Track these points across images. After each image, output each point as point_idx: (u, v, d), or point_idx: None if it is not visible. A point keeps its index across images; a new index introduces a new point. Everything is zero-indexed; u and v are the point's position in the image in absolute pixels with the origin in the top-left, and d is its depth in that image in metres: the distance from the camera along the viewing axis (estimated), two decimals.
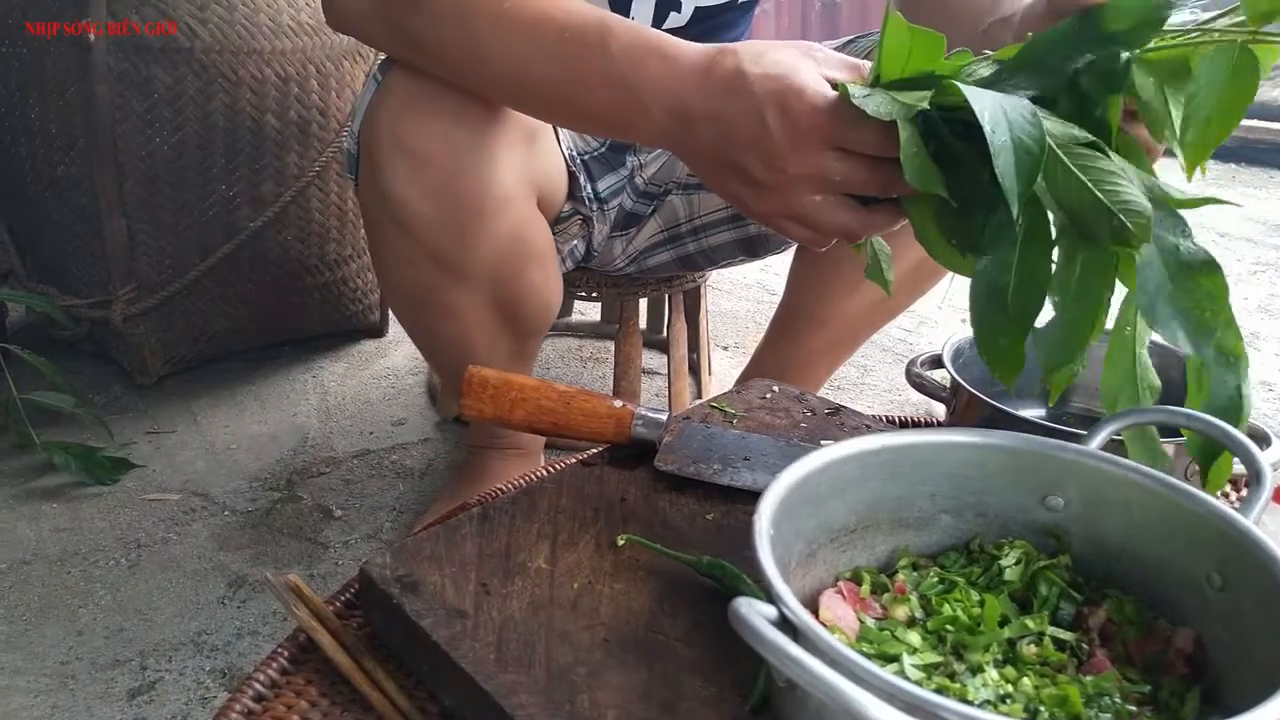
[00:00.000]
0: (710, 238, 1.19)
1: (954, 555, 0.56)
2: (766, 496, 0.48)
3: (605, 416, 0.72)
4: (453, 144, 0.86)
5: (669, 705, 0.50)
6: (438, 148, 0.86)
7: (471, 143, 0.87)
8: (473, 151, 0.87)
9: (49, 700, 0.95)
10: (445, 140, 0.86)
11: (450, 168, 0.87)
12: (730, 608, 0.40)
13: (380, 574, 0.58)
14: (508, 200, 0.91)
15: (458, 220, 0.90)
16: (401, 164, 0.86)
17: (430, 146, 0.86)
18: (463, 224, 0.90)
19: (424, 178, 0.87)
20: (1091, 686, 0.46)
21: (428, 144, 0.86)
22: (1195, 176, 0.57)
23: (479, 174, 0.88)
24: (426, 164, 0.86)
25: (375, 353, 1.73)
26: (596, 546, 0.62)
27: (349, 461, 1.38)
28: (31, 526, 1.21)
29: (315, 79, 1.50)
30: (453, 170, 0.87)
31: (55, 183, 1.46)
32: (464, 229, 0.90)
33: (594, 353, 1.78)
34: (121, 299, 1.45)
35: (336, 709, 0.55)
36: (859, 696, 0.35)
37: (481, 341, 1.01)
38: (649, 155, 1.17)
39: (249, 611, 1.07)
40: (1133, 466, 0.53)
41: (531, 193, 0.97)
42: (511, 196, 0.92)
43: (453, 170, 0.87)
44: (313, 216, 1.57)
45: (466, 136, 0.86)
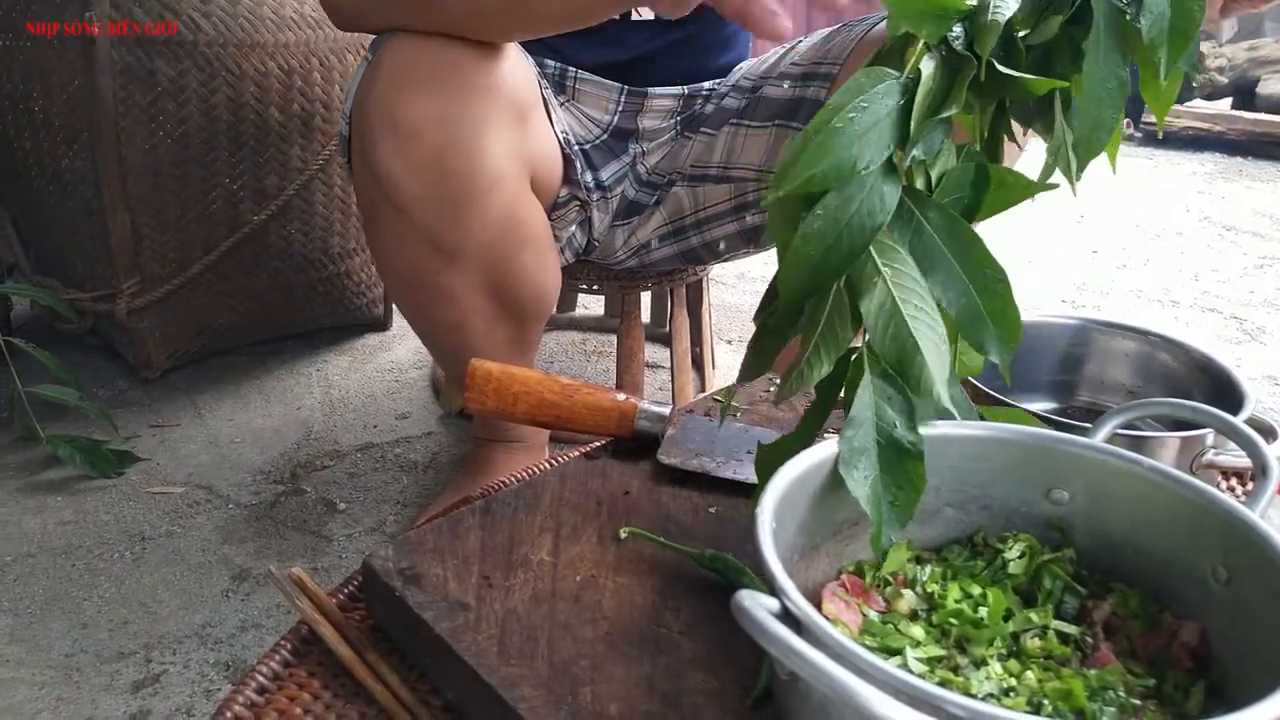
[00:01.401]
0: (714, 229, 1.19)
1: (958, 548, 0.55)
2: (769, 489, 0.48)
3: (608, 410, 0.72)
4: (442, 119, 0.86)
5: (671, 698, 0.50)
6: (427, 123, 0.86)
7: (461, 119, 0.87)
8: (463, 127, 0.87)
9: (54, 692, 0.95)
10: (435, 116, 0.86)
11: (440, 143, 0.87)
12: (733, 600, 0.40)
13: (383, 567, 0.58)
14: (499, 177, 0.91)
15: (448, 197, 0.89)
16: (390, 140, 0.86)
17: (419, 122, 0.85)
18: (454, 201, 0.90)
19: (413, 153, 0.87)
20: (1096, 680, 0.46)
21: (417, 120, 0.85)
22: (1195, 169, 0.56)
23: (469, 149, 0.88)
24: (415, 139, 0.86)
25: (379, 346, 1.73)
26: (599, 539, 0.62)
27: (353, 455, 1.38)
28: (36, 519, 1.21)
29: (319, 72, 1.50)
30: (442, 145, 0.87)
31: (59, 176, 1.46)
32: (455, 206, 0.90)
33: (597, 346, 1.78)
34: (125, 292, 1.45)
35: (339, 701, 0.55)
36: (863, 690, 0.35)
37: (479, 328, 1.01)
38: (651, 144, 1.17)
39: (253, 604, 1.08)
40: (1138, 460, 0.53)
41: (524, 173, 0.96)
42: (503, 173, 0.91)
43: (442, 145, 0.87)
44: (316, 210, 1.57)
45: (456, 112, 0.86)
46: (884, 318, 0.50)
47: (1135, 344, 0.83)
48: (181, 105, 1.40)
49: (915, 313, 0.50)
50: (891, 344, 0.50)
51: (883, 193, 0.50)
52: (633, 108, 1.13)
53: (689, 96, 1.17)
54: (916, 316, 0.50)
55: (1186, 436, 0.67)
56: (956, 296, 0.51)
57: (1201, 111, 3.74)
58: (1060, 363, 0.84)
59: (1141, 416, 0.59)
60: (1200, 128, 3.65)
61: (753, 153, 1.13)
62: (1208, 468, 0.68)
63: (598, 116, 1.13)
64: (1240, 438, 0.54)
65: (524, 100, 0.93)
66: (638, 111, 1.14)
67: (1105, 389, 0.83)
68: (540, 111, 1.00)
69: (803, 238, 0.49)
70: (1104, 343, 0.83)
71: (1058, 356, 0.84)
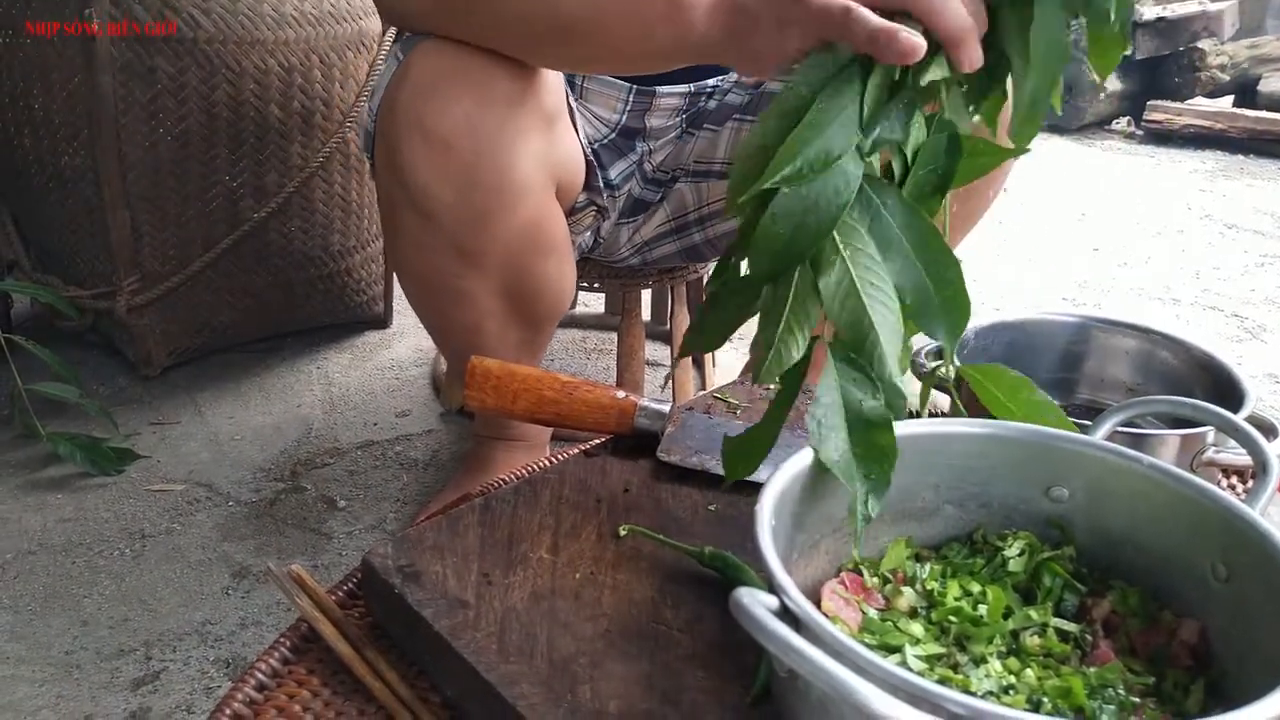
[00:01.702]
0: (718, 225, 1.19)
1: (957, 546, 0.55)
2: (769, 487, 0.48)
3: (608, 407, 0.72)
4: (474, 129, 0.85)
5: (670, 696, 0.50)
6: (459, 132, 0.85)
7: (494, 128, 0.86)
8: (495, 137, 0.86)
9: (54, 690, 0.95)
10: (466, 125, 0.85)
11: (472, 152, 0.86)
12: (731, 598, 0.40)
13: (382, 564, 0.58)
14: (527, 188, 0.91)
15: (477, 206, 0.89)
16: (421, 148, 0.85)
17: (451, 131, 0.85)
18: (482, 210, 0.89)
19: (445, 163, 0.86)
20: (1095, 678, 0.46)
21: (449, 128, 0.85)
22: (1196, 167, 0.57)
23: (500, 160, 0.87)
24: (447, 149, 0.85)
25: (379, 344, 1.73)
26: (599, 537, 0.62)
27: (353, 452, 1.38)
28: (36, 517, 1.21)
29: (319, 69, 1.50)
30: (472, 156, 0.86)
31: (59, 174, 1.46)
32: (483, 216, 0.90)
33: (598, 344, 1.78)
34: (125, 290, 1.45)
35: (338, 699, 0.55)
36: (862, 688, 0.35)
37: (492, 330, 1.01)
38: (657, 142, 1.16)
39: (253, 602, 1.08)
40: (1137, 457, 0.53)
41: (550, 182, 0.96)
42: (531, 183, 0.91)
43: (472, 156, 0.86)
44: (316, 207, 1.57)
45: (489, 121, 0.85)
46: (841, 295, 0.51)
47: (1136, 341, 0.83)
48: (181, 103, 1.40)
49: (872, 291, 0.51)
50: (848, 321, 0.51)
51: (846, 173, 0.51)
52: (640, 107, 1.13)
53: (695, 94, 1.17)
54: (873, 295, 0.51)
55: (1187, 434, 0.67)
56: (911, 282, 0.52)
57: (1203, 109, 3.73)
58: (1060, 360, 0.84)
59: (1142, 414, 0.59)
60: (1201, 125, 3.64)
61: None
62: (1208, 465, 0.68)
63: (606, 116, 1.13)
64: (1241, 435, 0.54)
65: (552, 107, 0.92)
66: (645, 110, 1.13)
67: (1105, 386, 0.83)
68: (566, 117, 0.99)
69: (771, 216, 0.51)
70: (1104, 340, 0.83)
71: (1058, 354, 0.84)
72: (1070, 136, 3.80)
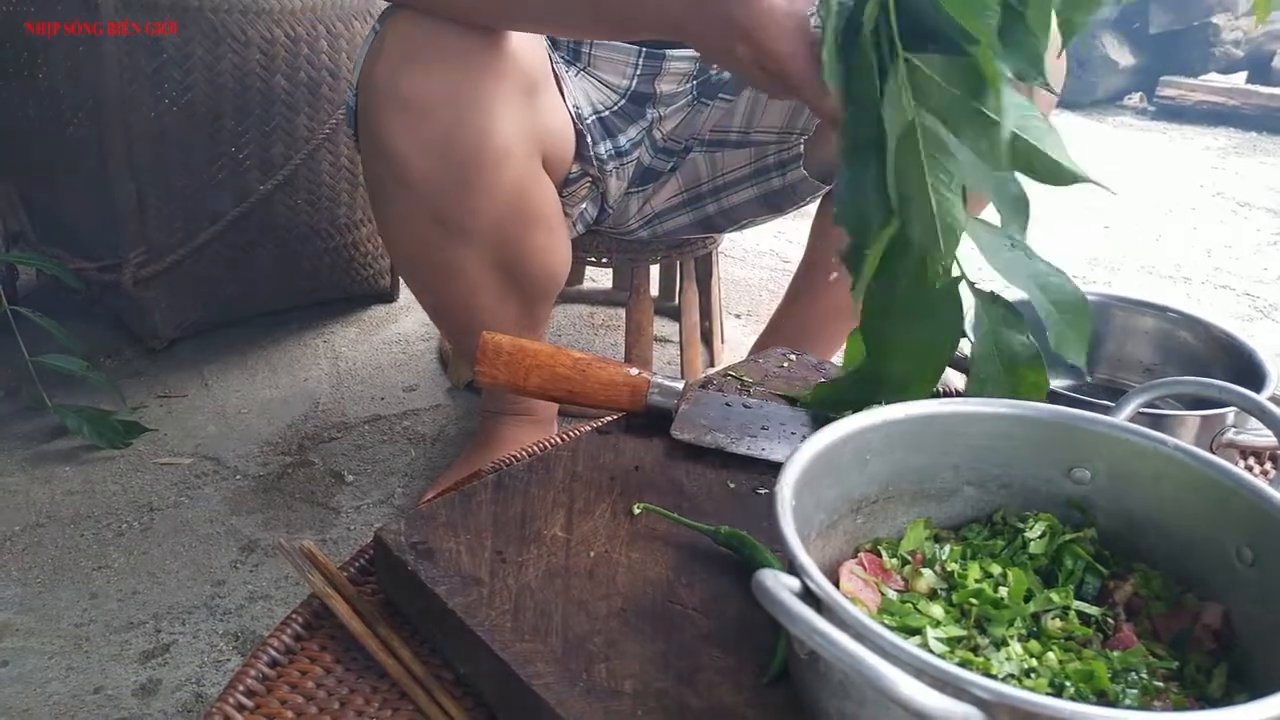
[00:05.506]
0: (732, 196, 1.18)
1: (977, 527, 0.55)
2: (790, 466, 0.47)
3: (621, 384, 0.71)
4: (451, 96, 0.85)
5: (686, 676, 0.49)
6: (436, 100, 0.84)
7: (470, 95, 0.85)
8: (470, 104, 0.86)
9: (63, 662, 0.95)
10: (442, 92, 0.84)
11: (447, 121, 0.85)
12: (754, 579, 0.39)
13: (395, 540, 0.57)
14: (507, 154, 0.90)
15: (456, 174, 0.88)
16: (399, 116, 0.85)
17: (428, 98, 0.84)
18: (461, 178, 0.89)
19: (422, 130, 0.85)
20: (1118, 661, 0.45)
21: (426, 95, 0.84)
22: (1209, 144, 0.56)
23: (477, 127, 0.87)
24: (424, 116, 0.85)
25: (386, 318, 1.72)
26: (613, 515, 0.61)
27: (360, 427, 1.37)
28: (44, 489, 1.21)
29: (325, 39, 1.48)
30: (450, 123, 0.86)
31: (64, 145, 1.45)
32: (462, 184, 0.89)
33: (606, 320, 1.77)
34: (131, 262, 1.44)
35: (351, 675, 0.54)
36: (886, 671, 0.35)
37: (487, 306, 1.00)
38: (668, 108, 1.15)
39: (261, 575, 1.08)
40: (1161, 439, 0.52)
41: (535, 150, 0.95)
42: (511, 151, 0.90)
43: (450, 123, 0.86)
44: (323, 180, 1.56)
45: (465, 88, 0.85)
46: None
47: (1154, 321, 0.82)
48: (187, 73, 1.38)
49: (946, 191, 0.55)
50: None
51: None
52: (650, 71, 1.12)
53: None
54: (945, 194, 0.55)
55: (1207, 415, 0.66)
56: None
57: (1216, 85, 3.69)
58: None
59: (1165, 395, 0.58)
60: (1215, 102, 3.61)
61: (774, 116, 1.12)
62: (1228, 447, 0.67)
63: (615, 82, 1.11)
64: (1268, 417, 0.53)
65: (533, 76, 0.92)
66: (655, 75, 1.12)
67: (1123, 366, 0.82)
68: (551, 86, 0.98)
69: None
70: (1123, 320, 0.82)
71: None
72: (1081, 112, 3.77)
